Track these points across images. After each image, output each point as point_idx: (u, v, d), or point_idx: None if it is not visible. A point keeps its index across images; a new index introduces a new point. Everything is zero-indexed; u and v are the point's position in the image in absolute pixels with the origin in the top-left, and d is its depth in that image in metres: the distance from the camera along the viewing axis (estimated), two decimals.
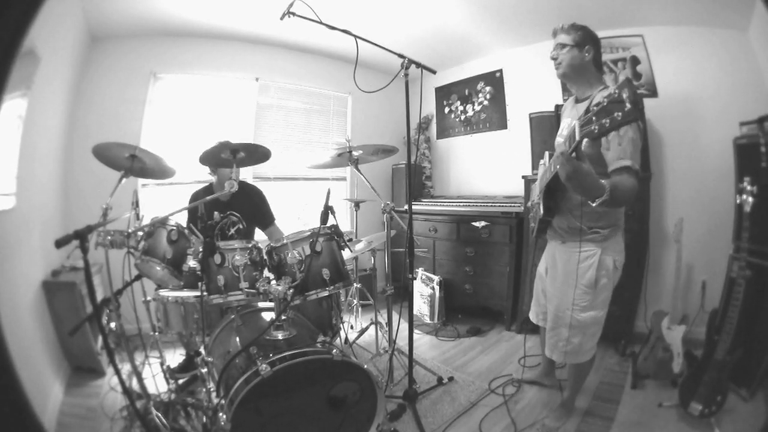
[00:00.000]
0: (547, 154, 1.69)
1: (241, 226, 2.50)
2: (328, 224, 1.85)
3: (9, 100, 1.74)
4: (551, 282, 1.86)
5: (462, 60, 4.05)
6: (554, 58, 1.68)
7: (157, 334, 2.02)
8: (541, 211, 1.68)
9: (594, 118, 1.03)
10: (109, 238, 1.71)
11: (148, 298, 2.08)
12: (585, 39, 1.62)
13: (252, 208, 2.59)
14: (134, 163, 1.96)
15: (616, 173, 1.43)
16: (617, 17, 2.87)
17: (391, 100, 3.77)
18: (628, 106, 0.95)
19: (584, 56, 1.62)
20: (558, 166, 1.23)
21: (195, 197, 2.56)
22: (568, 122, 1.71)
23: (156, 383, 2.06)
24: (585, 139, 1.08)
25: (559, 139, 1.79)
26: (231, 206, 2.47)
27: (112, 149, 1.92)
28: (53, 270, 2.33)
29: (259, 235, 2.75)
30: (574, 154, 1.15)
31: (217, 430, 1.27)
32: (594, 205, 1.30)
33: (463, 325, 3.29)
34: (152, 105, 3.17)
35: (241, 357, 1.53)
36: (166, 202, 3.10)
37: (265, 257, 1.88)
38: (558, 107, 2.86)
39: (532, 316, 2.14)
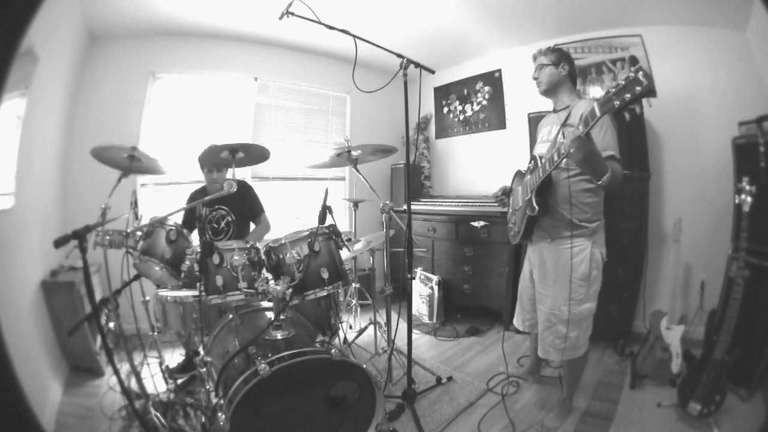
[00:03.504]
0: (534, 160, 1.77)
1: (229, 219, 2.52)
2: (326, 224, 1.85)
3: (8, 99, 1.74)
4: (541, 282, 1.87)
5: (461, 60, 4.05)
6: (535, 78, 1.89)
7: (155, 333, 2.03)
8: (536, 207, 1.69)
9: (614, 96, 1.22)
10: (108, 238, 1.71)
11: (147, 298, 2.08)
12: (560, 58, 1.83)
13: (243, 201, 2.60)
14: (133, 163, 1.96)
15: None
16: (616, 17, 2.88)
17: (390, 100, 3.75)
18: (646, 81, 1.14)
19: (560, 72, 1.82)
20: (572, 150, 1.39)
21: (192, 198, 2.56)
22: (549, 129, 1.89)
23: (155, 383, 2.05)
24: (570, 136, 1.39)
25: (541, 147, 1.89)
26: (223, 203, 2.48)
27: (110, 152, 1.93)
28: (52, 270, 2.33)
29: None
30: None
31: (216, 430, 1.26)
32: (599, 183, 1.48)
33: (462, 324, 3.30)
34: (151, 105, 3.17)
35: (239, 357, 1.53)
36: (164, 202, 3.10)
37: (264, 257, 1.88)
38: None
39: (518, 323, 2.18)
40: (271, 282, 1.71)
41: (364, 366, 1.54)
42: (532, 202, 1.70)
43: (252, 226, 2.74)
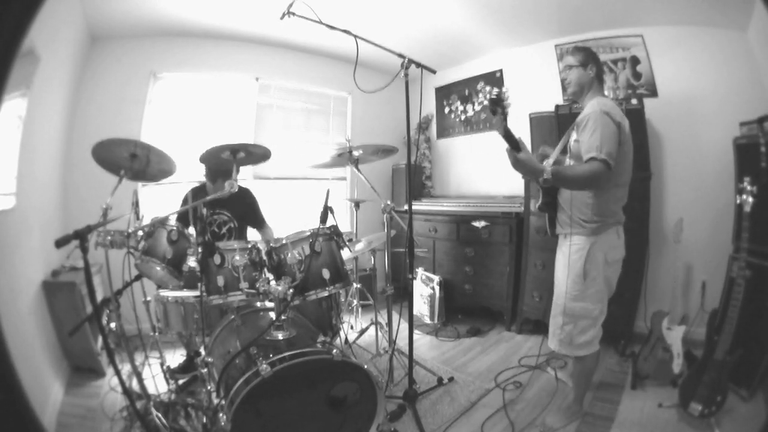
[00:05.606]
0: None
1: (232, 225, 2.50)
2: (328, 224, 1.85)
3: (9, 100, 1.74)
4: (556, 273, 1.92)
5: (462, 60, 4.04)
6: (564, 80, 1.88)
7: (157, 334, 2.02)
8: (538, 204, 1.82)
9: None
10: (109, 238, 1.70)
11: (148, 299, 2.08)
12: (587, 59, 1.79)
13: (244, 208, 2.59)
14: (134, 163, 1.95)
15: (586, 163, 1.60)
16: (617, 17, 2.87)
17: (391, 100, 3.76)
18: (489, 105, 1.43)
19: (588, 74, 1.79)
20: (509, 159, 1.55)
21: (192, 195, 2.54)
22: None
23: (156, 383, 2.05)
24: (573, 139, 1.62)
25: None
26: (224, 205, 2.46)
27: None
28: (53, 270, 2.33)
29: (256, 236, 2.74)
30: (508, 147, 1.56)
31: (217, 431, 1.27)
32: (542, 183, 1.59)
33: (463, 325, 3.29)
34: (152, 105, 3.17)
35: (241, 357, 1.53)
36: (166, 201, 3.09)
37: (265, 257, 1.88)
38: (558, 107, 2.86)
39: None
40: (273, 282, 1.71)
41: (366, 366, 1.54)
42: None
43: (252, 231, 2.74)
